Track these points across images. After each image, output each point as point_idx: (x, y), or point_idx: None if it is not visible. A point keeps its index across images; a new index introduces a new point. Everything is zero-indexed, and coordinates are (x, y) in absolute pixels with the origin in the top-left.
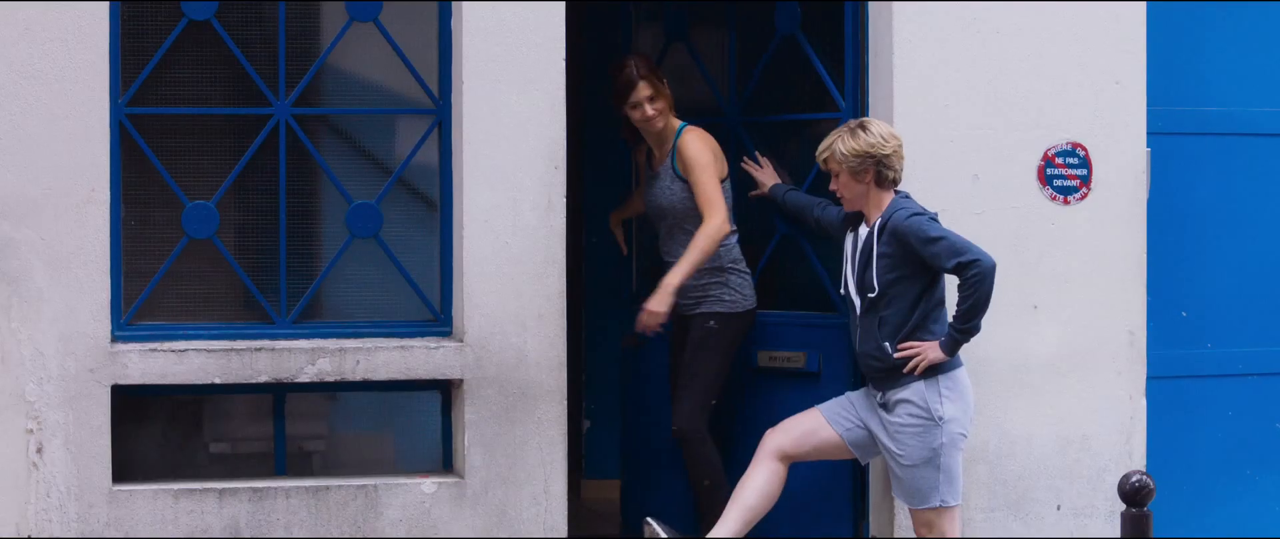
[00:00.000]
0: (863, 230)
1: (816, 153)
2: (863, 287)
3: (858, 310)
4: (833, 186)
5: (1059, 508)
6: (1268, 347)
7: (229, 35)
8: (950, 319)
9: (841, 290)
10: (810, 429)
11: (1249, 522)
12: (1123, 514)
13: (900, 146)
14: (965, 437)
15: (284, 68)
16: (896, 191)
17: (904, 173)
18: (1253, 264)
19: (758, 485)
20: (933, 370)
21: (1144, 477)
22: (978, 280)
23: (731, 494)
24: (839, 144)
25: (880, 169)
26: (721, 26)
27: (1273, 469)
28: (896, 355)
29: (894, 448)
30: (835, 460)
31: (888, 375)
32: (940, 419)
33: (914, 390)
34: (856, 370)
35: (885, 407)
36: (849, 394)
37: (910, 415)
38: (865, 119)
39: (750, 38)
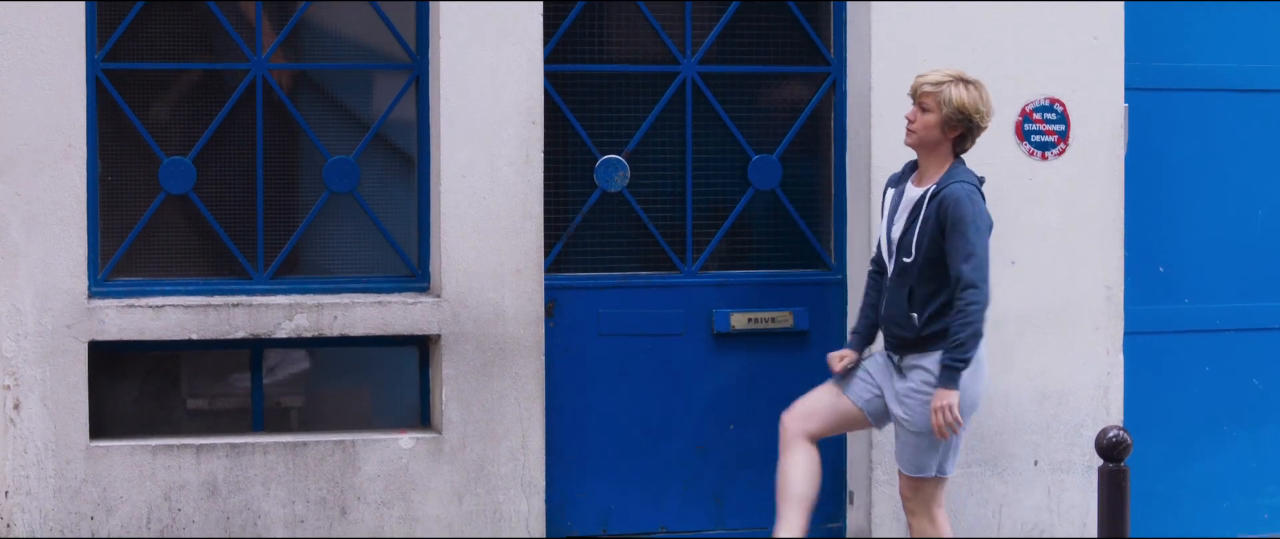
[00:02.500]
0: (912, 189)
1: (919, 81)
2: (902, 248)
3: (891, 272)
4: (910, 115)
5: (1036, 463)
6: (1245, 302)
7: None
8: (944, 348)
9: (874, 250)
10: (830, 404)
11: (1225, 477)
12: (1100, 469)
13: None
14: (975, 410)
15: (261, 23)
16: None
17: (887, 130)
18: (1230, 220)
19: (802, 473)
20: (929, 341)
21: (1121, 432)
22: (973, 308)
23: (778, 491)
24: (953, 88)
25: (966, 135)
26: None
27: (1249, 425)
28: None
29: (902, 414)
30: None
31: (909, 344)
32: None
33: (932, 360)
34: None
35: (899, 371)
36: (863, 362)
37: (924, 383)
38: (977, 79)
39: None
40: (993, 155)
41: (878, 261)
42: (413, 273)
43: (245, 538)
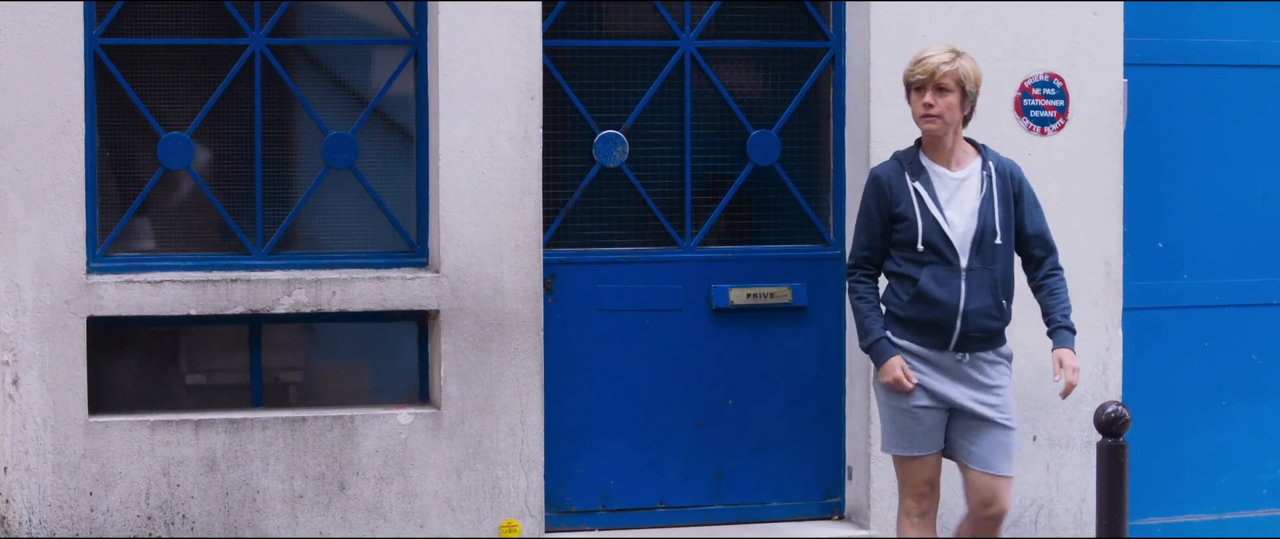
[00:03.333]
0: (949, 174)
1: (930, 64)
2: (985, 234)
3: (964, 262)
4: (929, 100)
5: (1035, 438)
6: (1243, 278)
7: None
8: (1061, 318)
9: (920, 245)
10: (926, 477)
11: (1224, 452)
12: (1099, 445)
13: None
14: None
15: None
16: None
17: (887, 105)
18: (1229, 195)
19: None
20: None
21: (1120, 407)
22: (1063, 275)
23: None
24: (965, 61)
25: (972, 111)
26: None
27: (1248, 400)
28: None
29: (996, 414)
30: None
31: (995, 336)
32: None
33: (1007, 350)
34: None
35: (978, 367)
36: (918, 386)
37: (1008, 376)
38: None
39: None
40: (992, 130)
41: (872, 264)
42: (411, 248)
43: (244, 513)
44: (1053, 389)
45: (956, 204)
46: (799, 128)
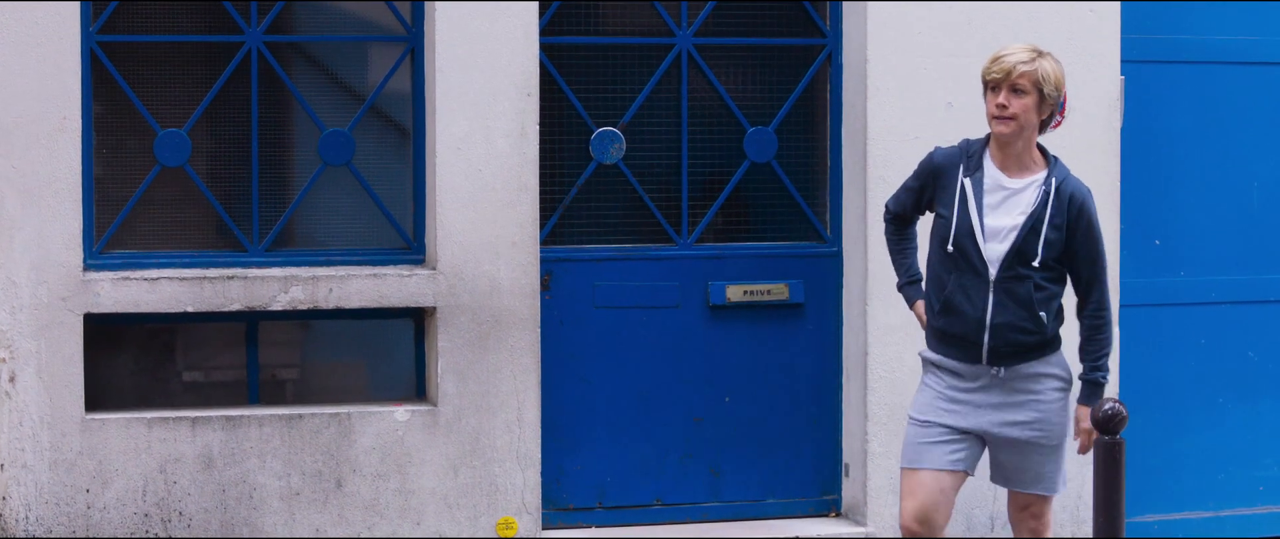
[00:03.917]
0: (1008, 179)
1: (1008, 62)
2: (1023, 251)
3: (994, 274)
4: (1002, 101)
5: None
6: (1240, 275)
7: None
8: (1088, 370)
9: (951, 246)
10: (937, 489)
11: (1221, 450)
12: (1095, 442)
13: None
14: None
15: None
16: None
17: (883, 103)
18: (1226, 193)
19: None
20: (1056, 340)
21: (1117, 404)
22: (1110, 325)
23: None
24: (1047, 62)
25: (1051, 116)
26: None
27: (1245, 397)
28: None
29: (1039, 436)
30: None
31: (1030, 349)
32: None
33: (1059, 363)
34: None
35: (1015, 383)
36: (930, 403)
37: (1057, 391)
38: (1047, 50)
39: None
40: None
41: (900, 219)
42: (408, 245)
43: (240, 510)
44: None
45: (1002, 213)
46: (796, 125)
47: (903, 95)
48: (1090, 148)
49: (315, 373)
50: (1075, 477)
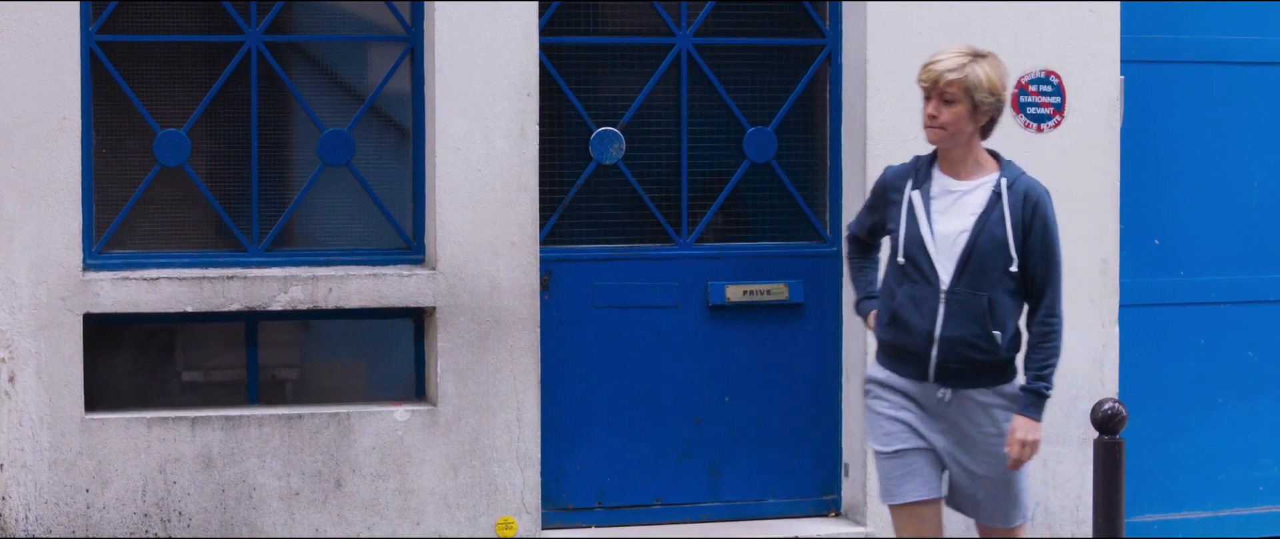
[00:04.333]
0: (955, 183)
1: (935, 70)
2: (975, 252)
3: (945, 283)
4: (932, 111)
5: None
6: (1240, 275)
7: None
8: (1029, 378)
9: (901, 258)
10: (927, 518)
11: (1220, 450)
12: (1095, 442)
13: None
14: None
15: None
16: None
17: (883, 103)
18: (1226, 192)
19: None
20: (1010, 366)
21: (1116, 404)
22: (1060, 331)
23: None
24: (978, 67)
25: (992, 121)
26: None
27: (1244, 397)
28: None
29: (989, 473)
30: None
31: (985, 370)
32: None
33: (1013, 393)
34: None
35: (966, 412)
36: (890, 432)
37: (1008, 424)
38: (986, 49)
39: None
40: None
41: (859, 241)
42: (408, 245)
43: (240, 510)
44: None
45: (951, 216)
46: (795, 125)
47: (902, 95)
48: (1090, 148)
49: (315, 373)
50: (1075, 477)
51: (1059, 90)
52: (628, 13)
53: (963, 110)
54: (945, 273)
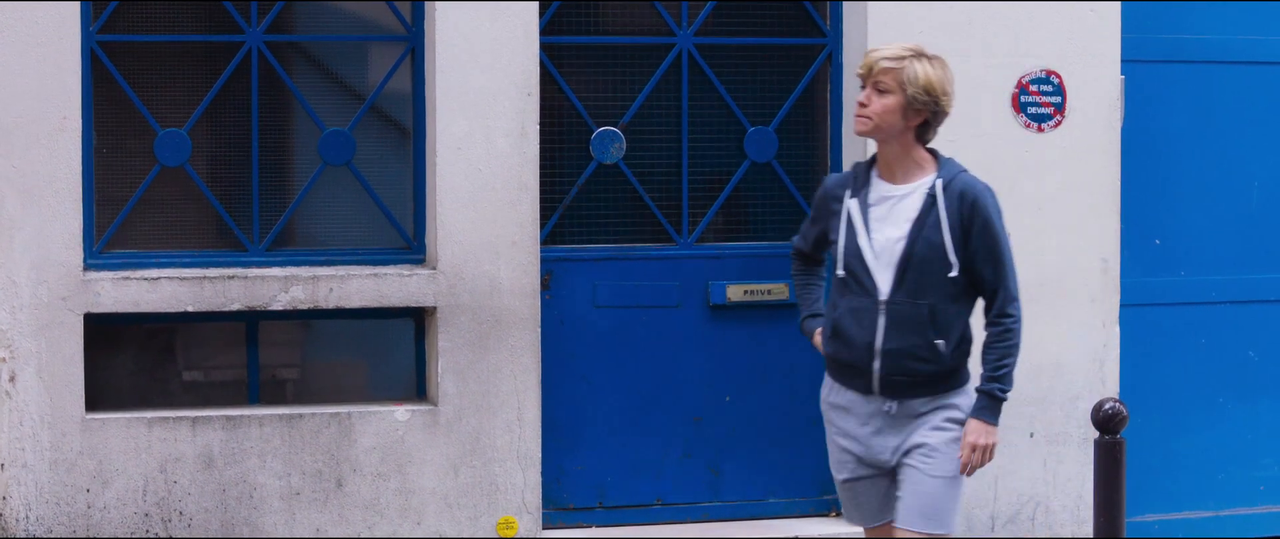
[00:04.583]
0: (891, 187)
1: (873, 57)
2: (912, 259)
3: (884, 293)
4: (864, 99)
5: (1032, 435)
6: (1240, 274)
7: None
8: (983, 380)
9: (841, 270)
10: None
11: (1221, 449)
12: (1096, 441)
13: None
14: None
15: None
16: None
17: None
18: (1226, 192)
19: None
20: (958, 374)
21: (1117, 404)
22: (1018, 326)
23: None
24: (918, 64)
25: (930, 122)
26: None
27: (1244, 397)
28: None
29: (928, 468)
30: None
31: (930, 381)
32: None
33: (965, 396)
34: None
35: (911, 421)
36: (839, 460)
37: (949, 422)
38: (937, 55)
39: None
40: (989, 127)
41: (803, 255)
42: (408, 245)
43: (241, 510)
44: (1050, 385)
45: (888, 223)
46: (796, 124)
47: None
48: (1090, 148)
49: (315, 373)
50: (1076, 476)
51: (1059, 90)
52: (628, 12)
53: (893, 103)
54: (884, 283)
